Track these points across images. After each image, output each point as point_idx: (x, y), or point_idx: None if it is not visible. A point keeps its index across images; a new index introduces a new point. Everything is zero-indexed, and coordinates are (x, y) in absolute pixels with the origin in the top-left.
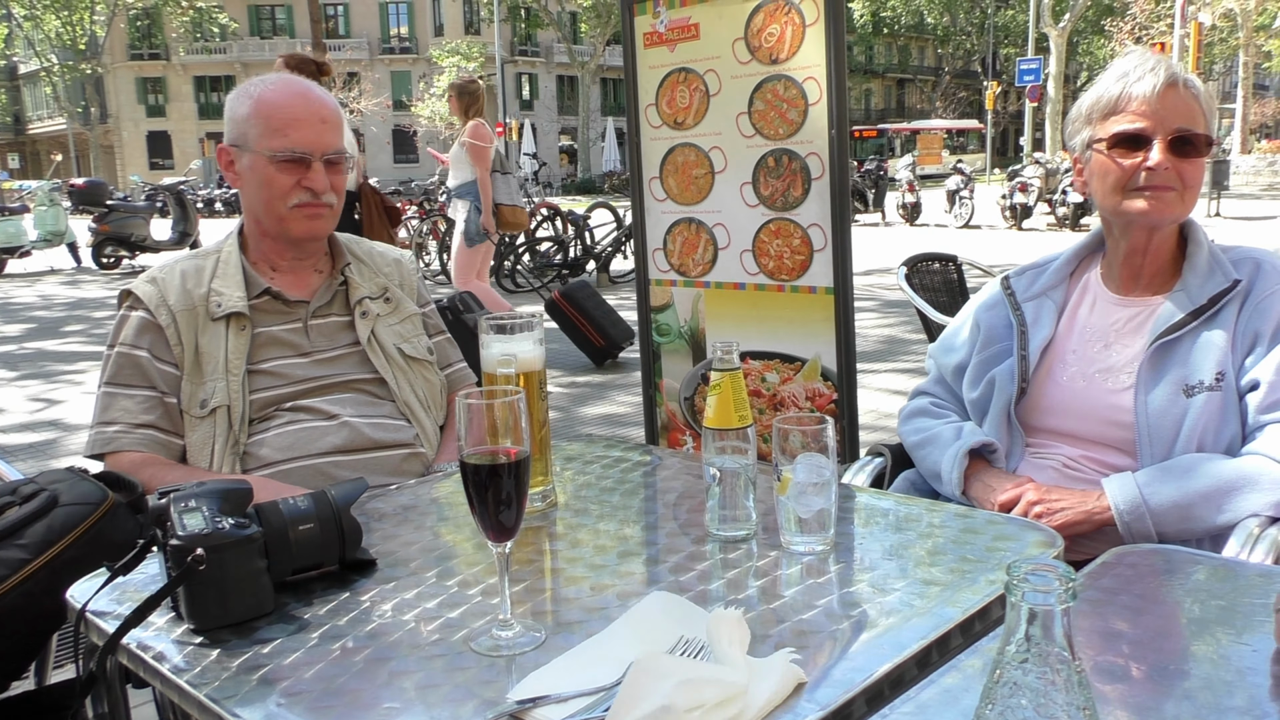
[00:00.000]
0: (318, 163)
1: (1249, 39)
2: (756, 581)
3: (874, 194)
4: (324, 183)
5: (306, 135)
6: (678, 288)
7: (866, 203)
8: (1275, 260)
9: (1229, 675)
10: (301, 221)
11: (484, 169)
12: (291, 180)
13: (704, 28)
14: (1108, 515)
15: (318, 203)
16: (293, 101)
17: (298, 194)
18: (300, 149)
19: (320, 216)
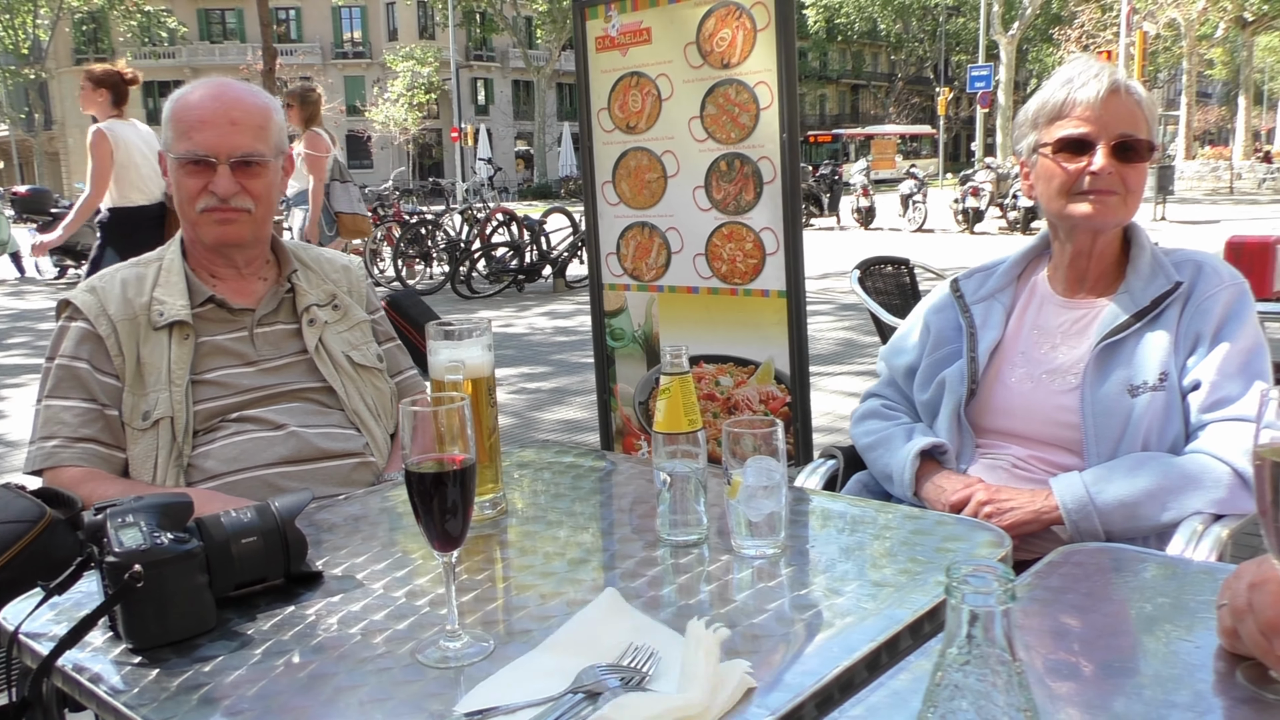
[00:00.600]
0: (223, 166)
1: (1192, 48)
2: (708, 586)
3: (829, 198)
4: (229, 186)
5: (210, 137)
6: (631, 292)
7: (822, 207)
8: (1215, 263)
9: (1175, 671)
10: (211, 227)
11: (319, 180)
12: (198, 184)
13: (656, 32)
14: (1056, 514)
15: (227, 208)
16: (202, 103)
17: (204, 198)
18: (202, 151)
19: (232, 222)
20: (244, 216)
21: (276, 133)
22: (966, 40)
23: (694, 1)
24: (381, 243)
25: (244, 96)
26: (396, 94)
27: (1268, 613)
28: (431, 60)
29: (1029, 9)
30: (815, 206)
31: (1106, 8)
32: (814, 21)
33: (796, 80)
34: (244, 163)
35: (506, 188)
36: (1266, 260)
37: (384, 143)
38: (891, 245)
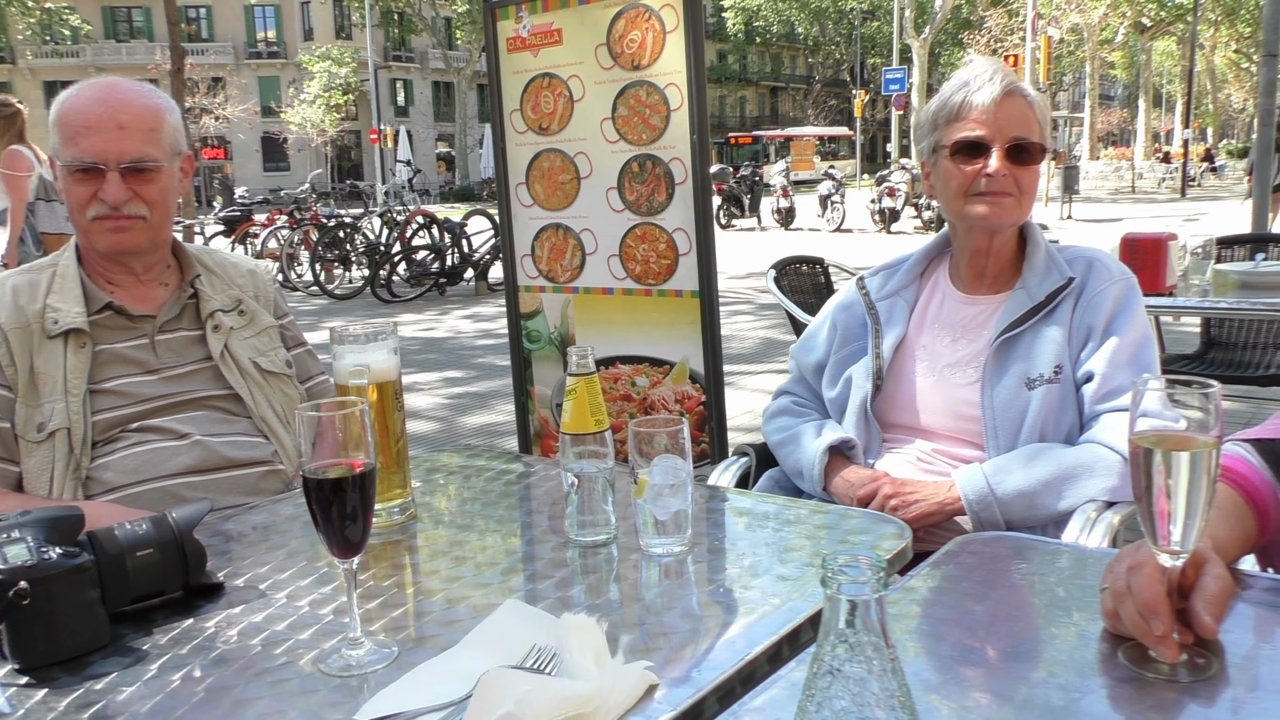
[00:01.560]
0: (113, 172)
1: (1094, 52)
2: (615, 585)
3: (750, 199)
4: (120, 194)
5: (97, 143)
6: (547, 294)
7: (743, 208)
8: (1105, 259)
9: (1061, 653)
10: (104, 235)
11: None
12: (87, 192)
13: (566, 33)
14: (959, 505)
15: (119, 215)
16: (88, 107)
17: (94, 206)
18: (89, 158)
19: (125, 230)
20: (138, 224)
21: (171, 135)
22: (881, 44)
23: (604, 3)
24: (299, 246)
25: (132, 98)
26: (313, 95)
27: (1145, 594)
28: (349, 61)
29: (940, 14)
30: (736, 207)
31: (1013, 13)
32: (733, 24)
33: (706, 82)
34: (135, 168)
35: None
36: (1159, 257)
37: (301, 145)
38: (811, 245)
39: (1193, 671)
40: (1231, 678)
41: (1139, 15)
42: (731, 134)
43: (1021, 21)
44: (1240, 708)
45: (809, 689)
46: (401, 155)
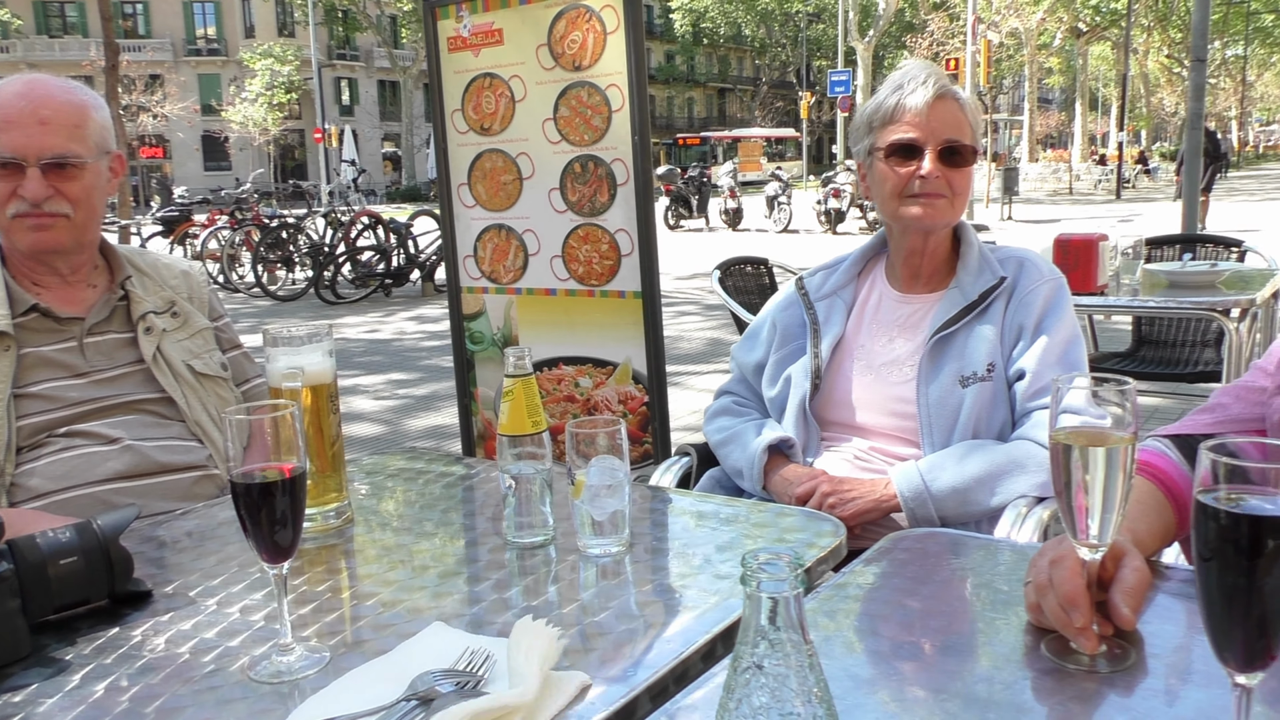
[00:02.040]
0: (33, 168)
1: (1032, 56)
2: (552, 586)
3: (697, 200)
4: (40, 190)
5: (17, 138)
6: (489, 295)
7: (690, 209)
8: (1036, 259)
9: (987, 646)
10: (25, 233)
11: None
12: (8, 188)
13: (507, 33)
14: (895, 503)
15: (40, 213)
16: (9, 102)
17: (14, 203)
18: (8, 153)
19: (47, 228)
20: (60, 222)
21: (97, 132)
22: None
23: (545, 3)
24: (240, 247)
25: (55, 94)
26: (255, 93)
27: (1065, 587)
28: (292, 59)
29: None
30: (684, 208)
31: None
32: (681, 25)
33: (646, 83)
34: (57, 164)
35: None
36: (1090, 257)
37: (243, 144)
38: (759, 246)
39: (1112, 661)
40: (1150, 667)
41: (1075, 20)
42: (679, 135)
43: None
44: (1156, 696)
45: (729, 686)
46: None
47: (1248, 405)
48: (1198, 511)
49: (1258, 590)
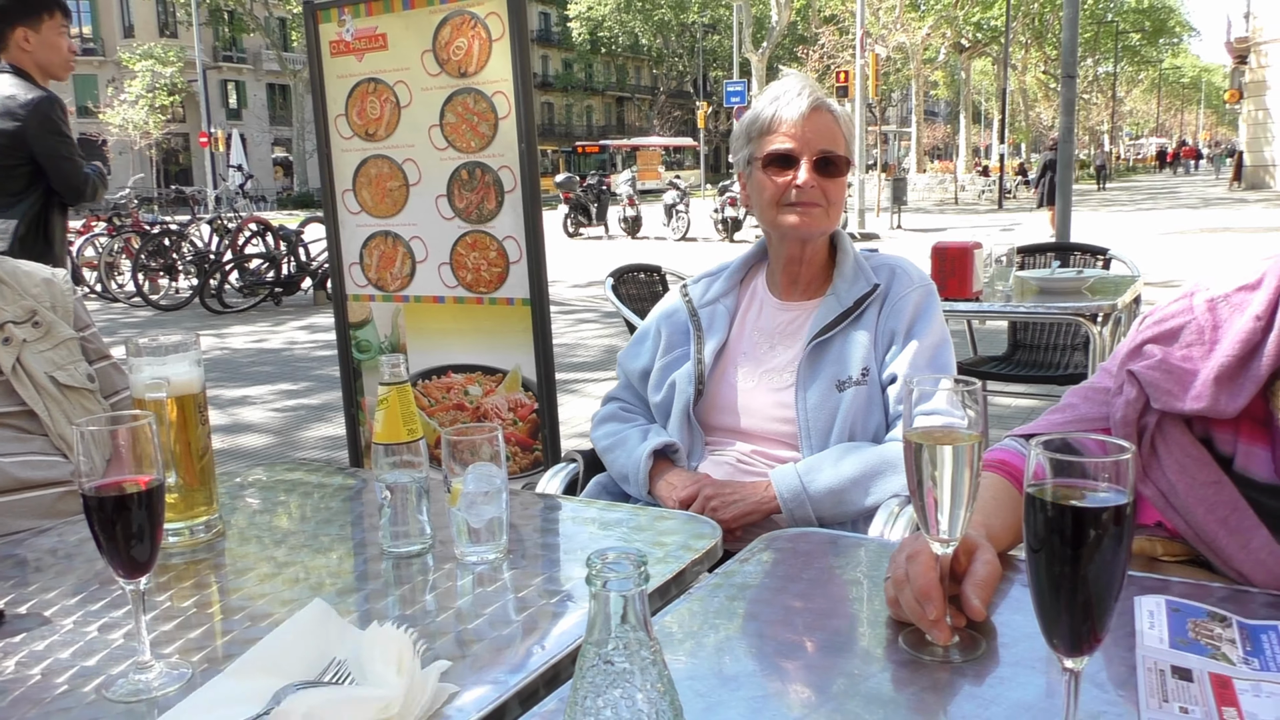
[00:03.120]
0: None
1: (919, 70)
2: (427, 595)
3: (596, 208)
4: None
5: None
6: (376, 302)
7: (590, 217)
8: (907, 266)
9: (848, 640)
10: None
11: None
12: None
13: (392, 38)
14: (774, 504)
15: None
16: None
17: None
18: None
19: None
20: None
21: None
22: (722, 57)
23: (429, 9)
24: (119, 255)
25: None
26: (135, 95)
27: (919, 581)
28: (174, 60)
29: (776, 30)
30: (584, 216)
31: (844, 30)
32: (578, 34)
33: (532, 90)
34: None
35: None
36: (966, 264)
37: (122, 147)
38: (657, 254)
39: (964, 651)
40: (1000, 656)
41: (958, 36)
42: (578, 143)
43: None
44: (1003, 683)
45: (576, 685)
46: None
47: (1095, 405)
48: (1027, 505)
49: (1082, 578)
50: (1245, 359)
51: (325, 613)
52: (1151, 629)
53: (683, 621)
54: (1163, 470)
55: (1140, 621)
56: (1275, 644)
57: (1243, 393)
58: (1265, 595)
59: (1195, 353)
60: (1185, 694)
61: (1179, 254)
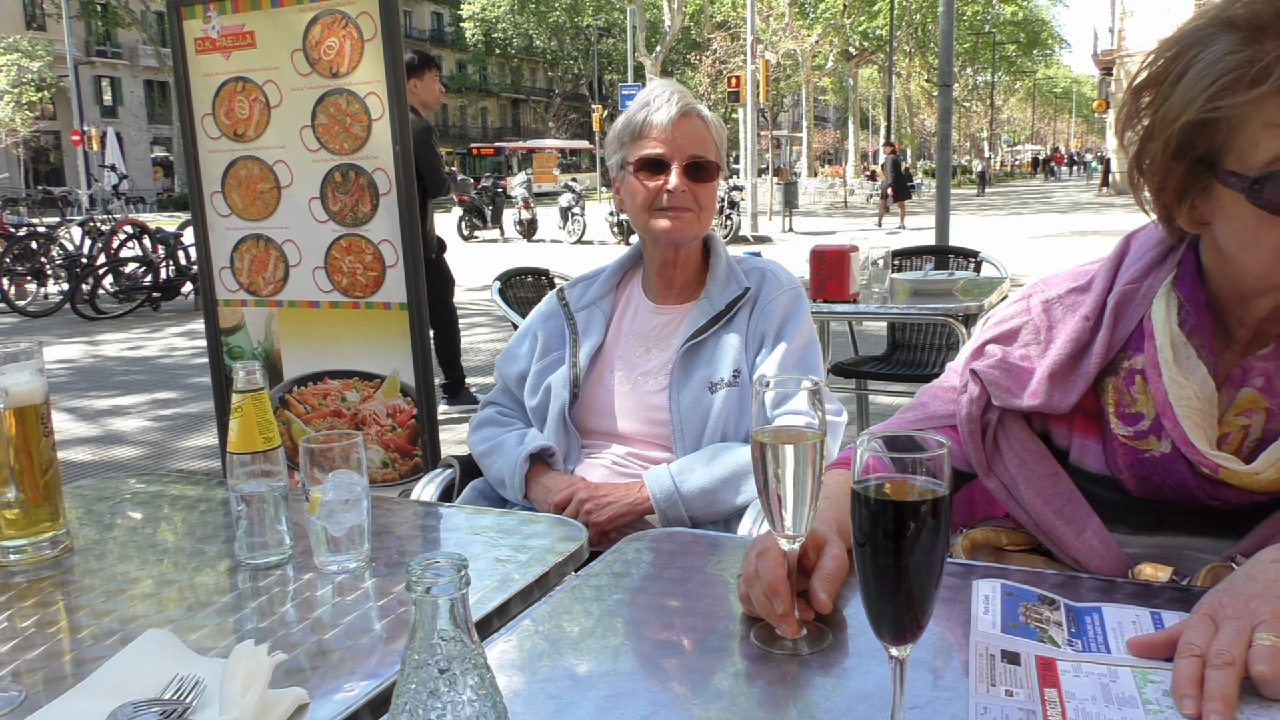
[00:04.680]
0: None
1: (808, 76)
2: (284, 606)
3: (491, 211)
4: None
5: None
6: (249, 308)
7: (485, 219)
8: (777, 270)
9: (703, 637)
10: None
11: None
12: None
13: (260, 36)
14: (648, 505)
15: None
16: None
17: None
18: None
19: None
20: None
21: None
22: (617, 60)
23: (298, 7)
24: None
25: None
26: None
27: (768, 577)
28: (43, 54)
29: (669, 35)
30: (478, 219)
31: (735, 36)
32: (472, 35)
33: (406, 92)
34: None
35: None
36: (843, 267)
37: None
38: (553, 257)
39: (812, 643)
40: (849, 647)
41: (846, 44)
42: (473, 145)
43: (742, 45)
44: (849, 673)
45: (399, 693)
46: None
47: (943, 403)
48: (853, 501)
49: (904, 570)
50: (1076, 357)
51: (164, 638)
52: (986, 614)
53: (541, 623)
54: (1005, 464)
55: (976, 606)
56: (1099, 626)
57: (1074, 389)
58: (1094, 580)
59: (1032, 352)
60: (1012, 677)
61: (1048, 256)
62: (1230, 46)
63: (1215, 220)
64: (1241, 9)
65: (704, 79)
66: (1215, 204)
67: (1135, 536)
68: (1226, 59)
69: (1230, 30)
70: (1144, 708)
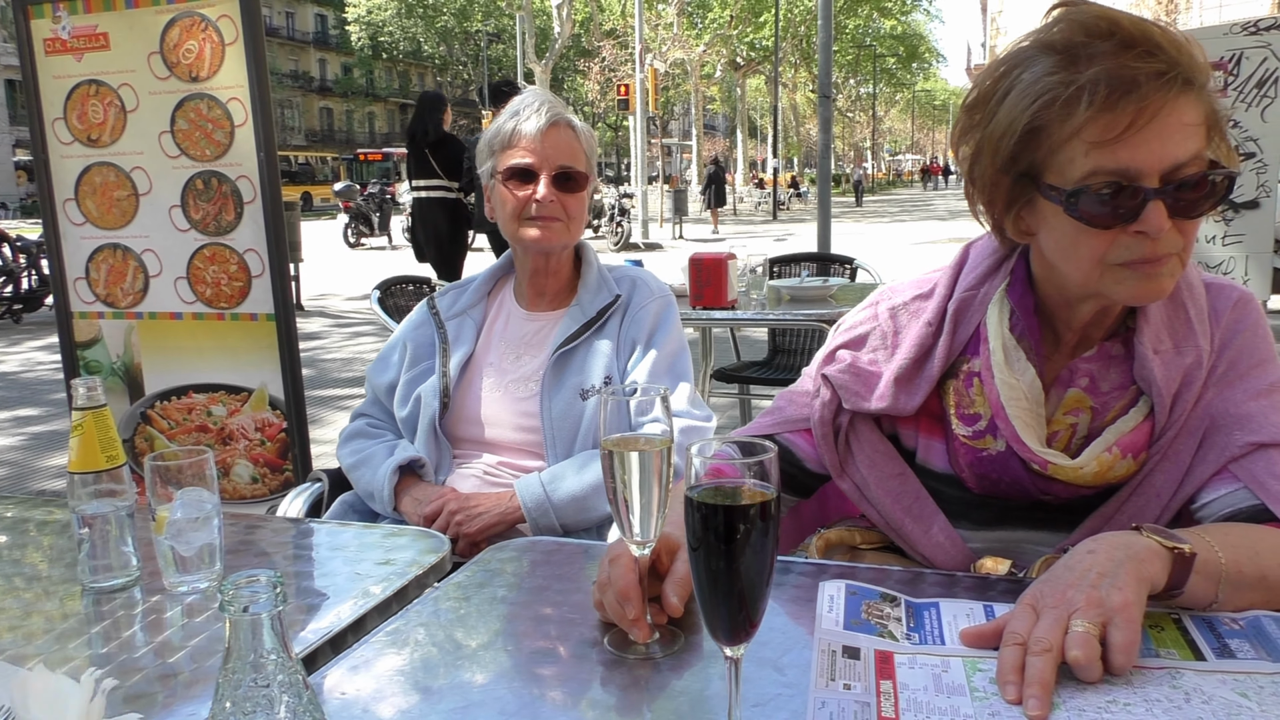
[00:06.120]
0: None
1: (697, 85)
2: (128, 631)
3: (379, 218)
4: None
5: None
6: (106, 320)
7: (372, 226)
8: (648, 278)
9: (558, 644)
10: None
11: None
12: None
13: (114, 38)
14: (519, 514)
15: None
16: None
17: None
18: None
19: None
20: None
21: None
22: (507, 66)
23: (154, 9)
24: None
25: None
26: None
27: (619, 583)
28: None
29: (559, 42)
30: (365, 226)
31: (624, 44)
32: (358, 39)
33: (270, 98)
34: None
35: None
36: (720, 274)
37: None
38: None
39: (664, 647)
40: (703, 649)
41: (733, 55)
42: (360, 150)
43: (631, 53)
44: (699, 675)
45: (215, 713)
46: None
47: (799, 407)
48: (685, 507)
49: (735, 572)
50: (920, 361)
51: None
52: (830, 612)
53: (397, 636)
54: (856, 465)
55: (821, 606)
56: (935, 620)
57: (919, 392)
58: (936, 575)
59: (880, 357)
60: (851, 671)
61: (928, 262)
62: (1049, 68)
63: (1040, 231)
64: (1059, 34)
65: (594, 86)
66: (1039, 216)
67: (978, 532)
68: (1045, 79)
69: (1049, 53)
70: (971, 695)
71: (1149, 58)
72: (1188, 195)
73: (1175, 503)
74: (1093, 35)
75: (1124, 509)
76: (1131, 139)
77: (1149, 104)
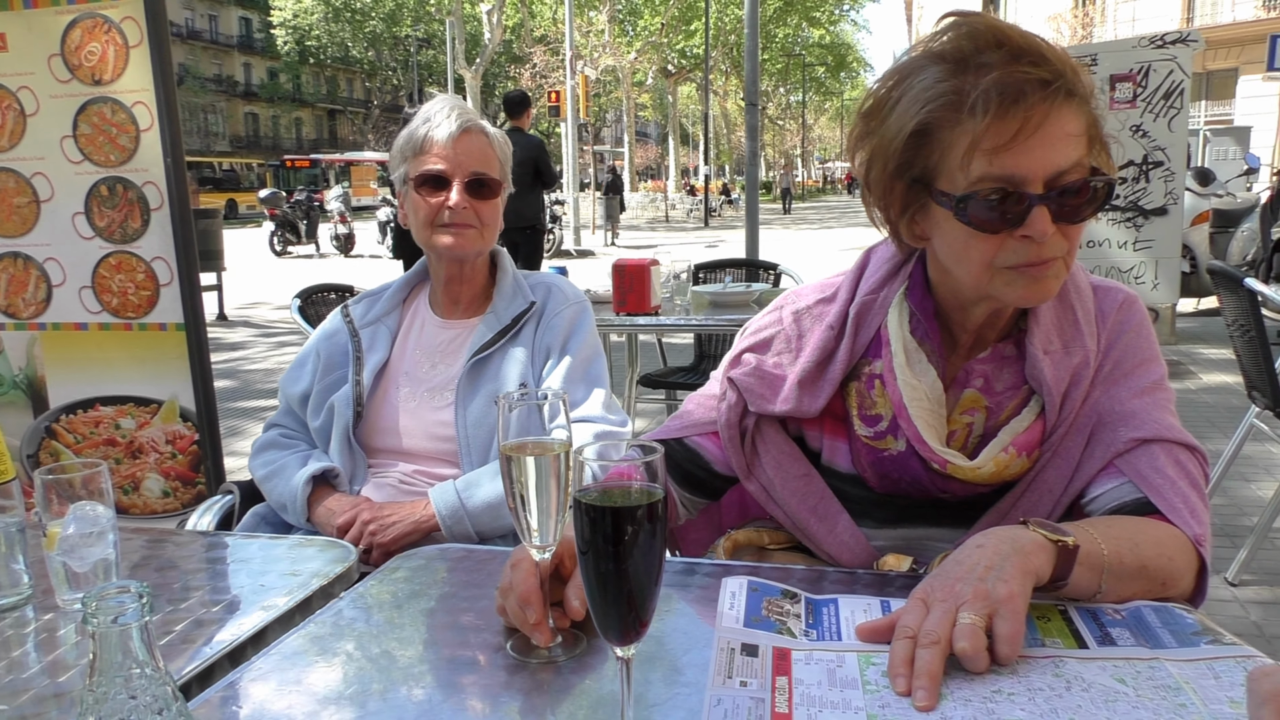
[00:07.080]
0: None
1: (629, 92)
2: (18, 650)
3: (306, 225)
4: None
5: None
6: (7, 331)
7: (299, 234)
8: (563, 284)
9: (464, 650)
10: None
11: None
12: None
13: (12, 39)
14: (433, 522)
15: None
16: None
17: None
18: None
19: None
20: None
21: None
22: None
23: (54, 9)
24: None
25: None
26: None
27: (521, 588)
28: None
29: (489, 47)
30: (292, 234)
31: (555, 51)
32: (284, 43)
33: (176, 101)
34: None
35: None
36: (644, 280)
37: None
38: (373, 272)
39: (567, 650)
40: (607, 652)
41: (664, 62)
42: (287, 156)
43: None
44: (600, 676)
45: None
46: None
47: (706, 410)
48: (574, 511)
49: (624, 573)
50: (823, 364)
51: None
52: (731, 609)
53: (300, 647)
54: (763, 467)
55: (723, 603)
56: (834, 616)
57: (822, 394)
58: (838, 573)
59: (784, 360)
60: (749, 668)
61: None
62: (939, 76)
63: (933, 235)
64: (948, 43)
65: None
66: (932, 221)
67: (881, 530)
68: (936, 87)
69: (938, 62)
70: (864, 688)
71: (1035, 68)
72: (1070, 201)
73: (1066, 498)
74: (981, 45)
75: (1018, 505)
76: (1018, 146)
77: (1035, 113)
